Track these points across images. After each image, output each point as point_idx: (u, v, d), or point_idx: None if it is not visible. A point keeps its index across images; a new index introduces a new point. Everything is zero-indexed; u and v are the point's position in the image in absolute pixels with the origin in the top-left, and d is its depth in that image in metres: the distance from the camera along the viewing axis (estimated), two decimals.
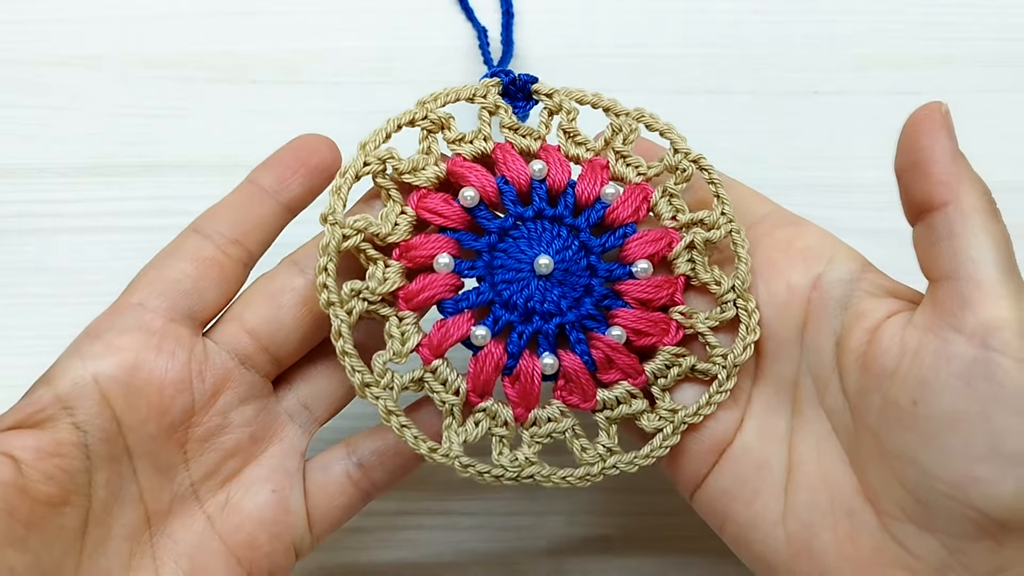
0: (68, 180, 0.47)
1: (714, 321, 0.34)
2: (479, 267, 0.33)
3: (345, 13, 0.52)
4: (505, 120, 0.35)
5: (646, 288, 0.33)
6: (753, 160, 0.48)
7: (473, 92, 0.35)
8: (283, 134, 0.48)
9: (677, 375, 0.33)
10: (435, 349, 0.32)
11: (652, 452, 0.33)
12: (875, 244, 0.46)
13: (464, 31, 0.51)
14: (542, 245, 0.33)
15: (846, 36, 0.51)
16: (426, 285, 0.33)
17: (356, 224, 0.33)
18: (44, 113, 0.49)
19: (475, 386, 0.32)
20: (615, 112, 0.35)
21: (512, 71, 0.36)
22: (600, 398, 0.33)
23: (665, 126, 0.35)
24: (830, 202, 0.47)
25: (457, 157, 0.34)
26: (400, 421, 0.32)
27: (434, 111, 0.34)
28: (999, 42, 0.51)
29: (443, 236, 0.33)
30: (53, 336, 0.44)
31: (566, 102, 0.35)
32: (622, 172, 0.35)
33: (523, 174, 0.34)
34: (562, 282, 0.33)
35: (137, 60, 0.50)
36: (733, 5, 0.52)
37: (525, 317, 0.33)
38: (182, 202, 0.47)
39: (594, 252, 0.34)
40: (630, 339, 0.33)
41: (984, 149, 0.49)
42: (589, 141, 0.35)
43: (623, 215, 0.34)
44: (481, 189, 0.33)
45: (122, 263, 0.45)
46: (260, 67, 0.50)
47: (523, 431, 0.33)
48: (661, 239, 0.34)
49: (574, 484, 0.32)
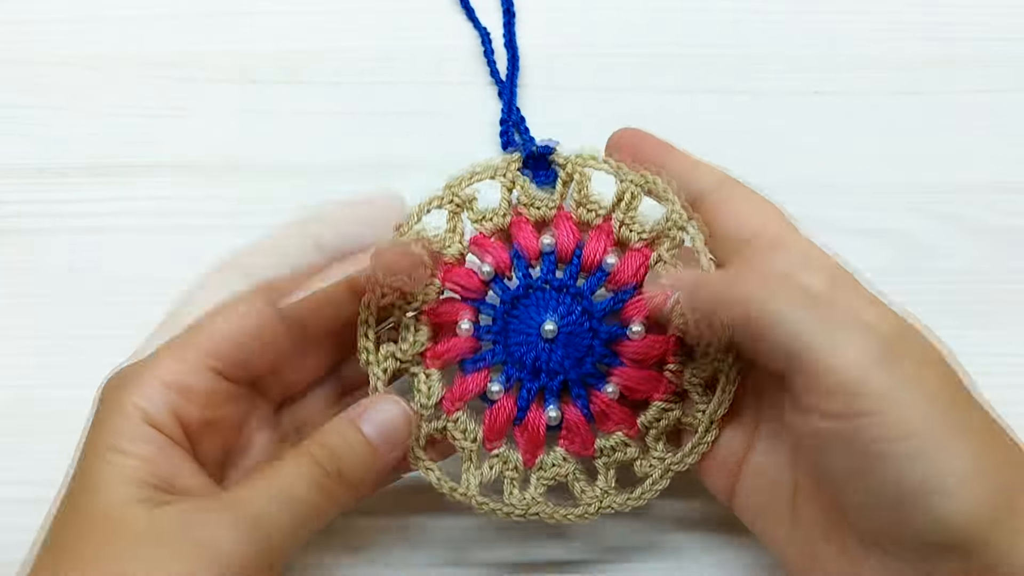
0: (68, 180, 0.47)
1: (700, 378, 0.37)
2: (495, 331, 0.38)
3: (345, 13, 0.52)
4: (522, 198, 0.39)
5: (638, 348, 0.37)
6: (753, 160, 0.48)
7: (495, 171, 0.39)
8: (283, 134, 0.49)
9: (665, 426, 0.37)
10: (456, 402, 0.37)
11: (643, 494, 0.37)
12: (875, 244, 0.46)
13: (464, 31, 0.51)
14: (548, 312, 0.38)
15: (846, 36, 0.51)
16: (450, 347, 0.38)
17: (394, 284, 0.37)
18: (44, 113, 0.49)
19: (490, 434, 0.37)
20: (622, 177, 0.39)
21: (532, 142, 0.40)
22: (598, 446, 0.37)
23: (664, 191, 0.38)
24: (830, 202, 0.47)
25: (479, 235, 0.39)
26: (426, 464, 0.37)
27: (459, 193, 0.38)
28: (999, 42, 0.51)
29: (465, 304, 0.38)
30: (53, 336, 0.44)
31: (578, 172, 0.39)
32: (626, 236, 0.38)
33: (533, 247, 0.38)
34: (566, 344, 0.38)
35: (137, 60, 0.50)
36: (733, 5, 0.52)
37: (533, 374, 0.38)
38: (182, 202, 0.47)
39: (596, 316, 0.38)
40: (624, 395, 0.37)
41: (984, 149, 0.49)
42: (599, 206, 0.39)
43: (623, 279, 0.38)
44: (496, 264, 0.38)
45: (122, 263, 0.45)
46: (260, 67, 0.50)
47: (531, 474, 0.37)
48: (657, 302, 0.36)
49: (574, 521, 0.37)
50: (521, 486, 0.37)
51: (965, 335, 0.44)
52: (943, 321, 0.44)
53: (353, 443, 0.35)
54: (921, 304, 0.44)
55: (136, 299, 0.44)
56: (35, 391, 0.42)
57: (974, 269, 0.45)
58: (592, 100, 0.49)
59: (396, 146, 0.48)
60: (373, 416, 0.35)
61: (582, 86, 0.50)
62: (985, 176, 0.48)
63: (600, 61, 0.50)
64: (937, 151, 0.48)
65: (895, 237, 0.46)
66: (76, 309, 0.44)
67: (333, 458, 0.34)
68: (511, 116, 0.47)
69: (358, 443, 0.35)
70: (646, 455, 0.38)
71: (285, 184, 0.47)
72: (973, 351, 0.43)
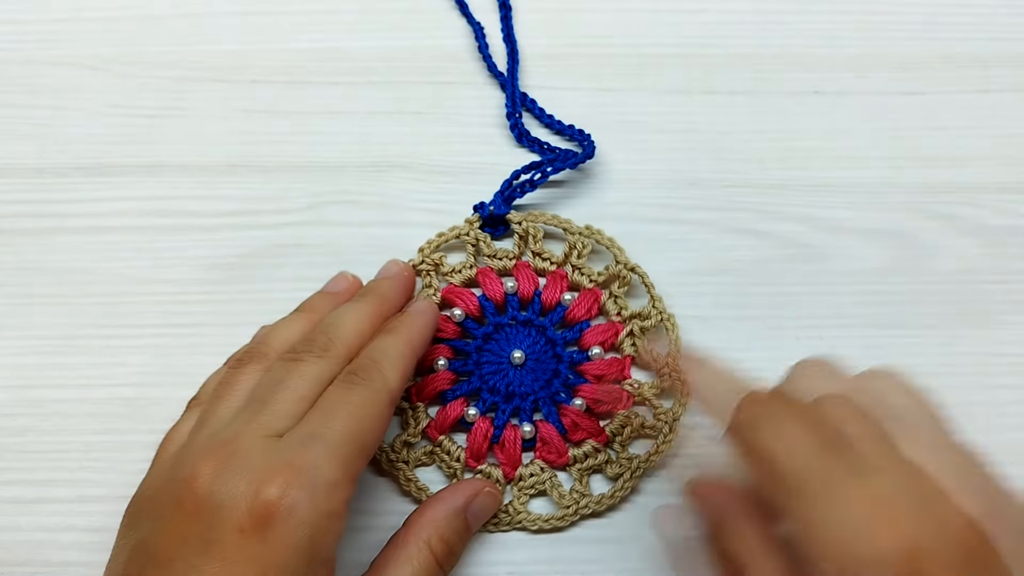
0: (68, 180, 0.47)
1: (656, 388, 0.42)
2: (469, 364, 0.43)
3: (345, 13, 0.52)
4: (485, 250, 0.45)
5: (599, 367, 0.42)
6: (753, 160, 0.48)
7: (459, 233, 0.45)
8: (283, 134, 0.49)
9: (631, 432, 0.41)
10: (440, 428, 0.42)
11: (616, 493, 0.40)
12: (875, 244, 0.46)
13: (464, 31, 0.51)
14: (516, 343, 0.43)
15: (846, 36, 0.51)
16: (429, 382, 0.42)
17: None
18: (44, 113, 0.49)
19: (471, 453, 0.41)
20: (570, 232, 0.44)
21: (485, 204, 0.45)
22: (571, 454, 0.41)
23: (609, 241, 0.44)
24: (830, 202, 0.47)
25: (449, 285, 0.44)
26: (417, 485, 0.41)
27: (430, 256, 0.44)
28: (999, 42, 0.51)
29: (442, 344, 0.43)
30: (53, 336, 0.44)
31: (532, 228, 0.45)
32: (578, 280, 0.44)
33: (499, 292, 0.44)
34: (534, 370, 0.43)
35: (137, 60, 0.50)
36: (733, 5, 0.52)
37: (507, 398, 0.42)
38: (182, 202, 0.47)
39: (558, 344, 0.43)
40: (591, 408, 0.42)
41: (984, 149, 0.49)
42: (553, 256, 0.45)
43: (578, 314, 0.43)
44: (465, 308, 0.43)
45: (122, 263, 0.45)
46: (260, 67, 0.50)
47: (512, 487, 0.41)
48: (608, 330, 0.43)
49: (555, 524, 0.40)
50: (504, 498, 0.41)
51: (965, 335, 0.44)
52: (943, 321, 0.44)
53: (461, 531, 0.38)
54: (921, 304, 0.45)
55: (136, 299, 0.44)
56: (35, 391, 0.42)
57: (974, 269, 0.45)
58: (592, 100, 0.49)
59: (396, 146, 0.48)
60: (477, 507, 0.39)
61: (582, 86, 0.50)
62: (985, 176, 0.48)
63: (599, 61, 0.50)
64: (937, 151, 0.48)
65: (895, 237, 0.46)
66: (76, 309, 0.44)
67: (450, 556, 0.37)
68: (517, 109, 0.48)
69: (464, 530, 0.38)
70: (616, 460, 0.41)
71: (285, 184, 0.47)
72: (973, 351, 0.44)
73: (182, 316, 0.44)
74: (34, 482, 0.41)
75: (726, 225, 0.46)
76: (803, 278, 0.45)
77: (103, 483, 0.40)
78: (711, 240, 0.46)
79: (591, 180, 0.47)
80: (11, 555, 0.39)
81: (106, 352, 0.43)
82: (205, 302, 0.44)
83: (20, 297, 0.44)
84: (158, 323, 0.44)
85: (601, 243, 0.44)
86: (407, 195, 0.47)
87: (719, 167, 0.48)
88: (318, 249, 0.45)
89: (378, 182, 0.47)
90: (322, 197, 0.47)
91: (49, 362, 0.43)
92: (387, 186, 0.47)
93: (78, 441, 0.41)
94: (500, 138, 0.48)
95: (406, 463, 0.41)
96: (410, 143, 0.48)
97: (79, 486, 0.40)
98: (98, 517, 0.40)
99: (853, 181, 0.47)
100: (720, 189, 0.47)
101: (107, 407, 0.42)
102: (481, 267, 0.45)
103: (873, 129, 0.49)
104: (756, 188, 0.47)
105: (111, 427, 0.41)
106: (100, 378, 0.43)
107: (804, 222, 0.46)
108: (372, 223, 0.46)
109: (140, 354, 0.43)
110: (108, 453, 0.41)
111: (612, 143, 0.48)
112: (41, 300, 0.44)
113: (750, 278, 0.45)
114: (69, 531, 0.40)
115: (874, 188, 0.47)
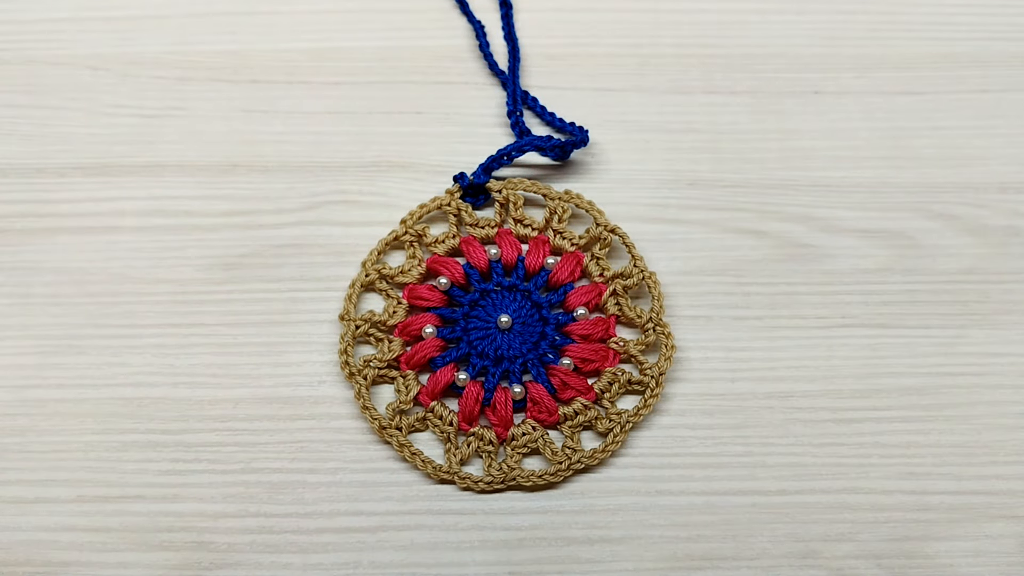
0: (68, 180, 0.47)
1: (642, 345, 0.43)
2: (457, 331, 0.43)
3: (345, 13, 0.52)
4: (467, 219, 0.45)
5: (585, 327, 0.43)
6: (753, 160, 0.48)
7: (440, 203, 0.45)
8: (283, 134, 0.49)
9: (619, 389, 0.42)
10: (431, 394, 0.42)
11: (607, 447, 0.41)
12: (875, 244, 0.46)
13: (464, 30, 0.51)
14: (502, 308, 0.44)
15: (846, 36, 0.51)
16: (418, 349, 0.43)
17: (364, 316, 0.43)
18: (44, 113, 0.49)
19: (463, 417, 0.42)
20: (550, 197, 0.45)
21: (465, 174, 0.45)
22: (561, 412, 0.42)
23: (588, 204, 0.45)
24: (830, 202, 0.47)
25: (434, 255, 0.45)
26: (411, 451, 0.41)
27: (412, 227, 0.45)
28: (999, 42, 0.51)
29: (429, 313, 0.44)
30: (53, 336, 0.44)
31: (512, 196, 0.45)
32: (559, 244, 0.45)
33: (483, 260, 0.44)
34: (521, 333, 0.43)
35: (137, 60, 0.50)
36: (733, 5, 0.52)
37: (496, 361, 0.43)
38: (182, 202, 0.47)
39: (544, 307, 0.44)
40: (579, 367, 0.43)
41: (984, 149, 0.49)
42: (534, 222, 0.45)
43: (562, 277, 0.44)
44: (451, 277, 0.44)
45: (122, 263, 0.45)
46: (260, 67, 0.50)
47: (505, 446, 0.41)
48: (592, 291, 0.44)
49: (549, 480, 0.41)
50: (497, 458, 0.42)
51: (965, 335, 0.44)
52: (943, 321, 0.44)
53: None
54: (921, 304, 0.45)
55: (136, 299, 0.44)
56: (35, 391, 0.42)
57: (974, 269, 0.45)
58: (592, 100, 0.49)
59: (396, 146, 0.48)
60: None
61: (582, 86, 0.50)
62: (985, 176, 0.48)
63: (599, 61, 0.50)
64: (937, 151, 0.48)
65: (895, 237, 0.46)
66: (76, 309, 0.44)
67: None
68: (518, 107, 0.48)
69: None
70: (605, 415, 0.42)
71: (285, 184, 0.47)
72: (973, 351, 0.44)
73: (182, 316, 0.44)
74: (34, 482, 0.41)
75: (726, 225, 0.46)
76: (803, 278, 0.45)
77: (103, 483, 0.40)
78: (711, 240, 0.46)
79: (591, 180, 0.47)
80: (11, 555, 0.39)
81: (106, 352, 0.43)
82: (205, 302, 0.44)
83: (20, 297, 0.44)
84: (158, 323, 0.44)
85: (581, 207, 0.45)
86: (407, 195, 0.47)
87: (719, 167, 0.48)
88: (318, 249, 0.45)
89: (378, 182, 0.47)
90: (322, 197, 0.47)
91: (49, 362, 0.43)
92: (387, 186, 0.47)
93: (78, 441, 0.41)
94: (501, 137, 0.48)
95: (399, 430, 0.41)
96: (410, 143, 0.48)
97: (79, 486, 0.40)
98: (98, 517, 0.40)
99: (853, 181, 0.47)
100: (720, 189, 0.47)
101: (107, 407, 0.42)
102: (464, 236, 0.45)
103: (873, 129, 0.49)
104: (756, 188, 0.47)
105: (111, 427, 0.41)
106: (100, 378, 0.43)
107: (804, 222, 0.46)
108: (372, 223, 0.46)
109: (140, 354, 0.43)
110: (108, 453, 0.41)
111: (612, 143, 0.48)
112: (41, 300, 0.44)
113: (750, 278, 0.45)
114: (69, 531, 0.40)
115: (874, 188, 0.47)
